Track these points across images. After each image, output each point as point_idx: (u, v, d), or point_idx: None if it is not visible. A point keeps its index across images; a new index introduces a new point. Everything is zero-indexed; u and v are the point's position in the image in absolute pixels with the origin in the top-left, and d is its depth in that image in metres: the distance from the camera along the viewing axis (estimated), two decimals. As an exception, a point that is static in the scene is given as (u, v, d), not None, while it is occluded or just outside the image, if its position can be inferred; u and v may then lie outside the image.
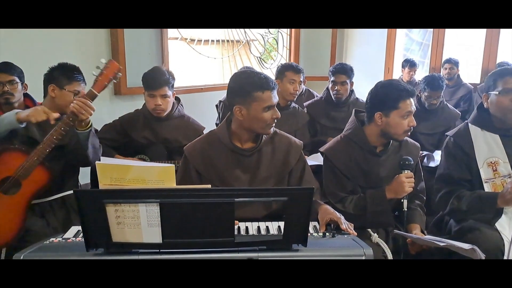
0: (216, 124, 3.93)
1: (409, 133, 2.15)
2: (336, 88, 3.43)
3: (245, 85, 1.84)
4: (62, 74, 2.27)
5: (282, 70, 3.36)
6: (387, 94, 2.08)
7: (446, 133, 2.30)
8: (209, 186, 1.30)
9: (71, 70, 2.30)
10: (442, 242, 1.79)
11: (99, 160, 1.98)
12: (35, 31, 3.09)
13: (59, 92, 2.25)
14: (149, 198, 1.19)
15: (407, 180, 2.04)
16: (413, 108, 2.09)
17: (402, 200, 2.06)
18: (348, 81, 3.45)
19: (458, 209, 2.11)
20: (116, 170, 1.30)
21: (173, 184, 1.32)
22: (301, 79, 3.37)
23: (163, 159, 2.76)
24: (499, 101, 2.09)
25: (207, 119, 3.74)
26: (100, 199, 1.19)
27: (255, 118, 1.85)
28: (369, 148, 2.18)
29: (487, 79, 2.19)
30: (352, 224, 1.70)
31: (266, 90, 1.81)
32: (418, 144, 2.30)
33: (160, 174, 1.30)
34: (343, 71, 3.42)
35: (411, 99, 2.08)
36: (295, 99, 3.39)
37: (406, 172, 2.07)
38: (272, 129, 1.93)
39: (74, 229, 1.65)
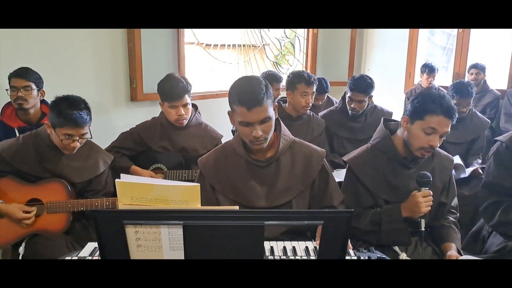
0: (232, 131, 3.84)
1: (426, 153, 1.96)
2: (353, 105, 3.25)
3: (230, 93, 1.75)
4: (57, 115, 2.06)
5: (293, 82, 3.07)
6: (420, 102, 1.93)
7: (496, 138, 2.15)
8: (236, 207, 1.19)
9: (70, 109, 2.06)
10: None
11: None
12: (51, 36, 3.04)
13: (52, 131, 2.12)
14: (171, 219, 1.09)
15: (423, 200, 1.88)
16: (442, 129, 1.89)
17: (419, 220, 1.91)
18: (366, 98, 3.24)
19: (507, 221, 1.95)
20: (137, 189, 1.20)
21: (198, 205, 1.21)
22: (314, 90, 3.12)
23: (180, 168, 2.68)
24: None
25: (223, 125, 3.64)
26: (120, 220, 1.09)
27: (238, 129, 1.79)
28: (398, 159, 2.03)
29: None
30: None
31: (241, 106, 1.67)
32: (451, 157, 2.14)
33: (184, 194, 1.19)
34: (362, 90, 3.17)
35: (444, 119, 1.87)
36: (307, 111, 3.19)
37: (423, 190, 1.90)
38: (260, 146, 1.78)
39: (90, 246, 1.56)
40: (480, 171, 3.17)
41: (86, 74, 3.32)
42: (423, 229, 1.90)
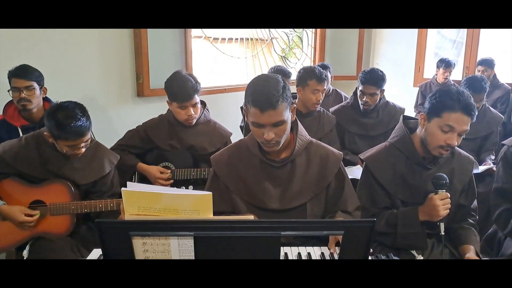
0: (241, 127, 3.78)
1: (444, 152, 1.87)
2: (364, 98, 3.15)
3: (246, 91, 1.68)
4: (56, 128, 1.95)
5: (305, 78, 3.02)
6: (437, 98, 1.84)
7: (503, 142, 2.07)
8: (251, 217, 1.13)
9: (67, 120, 1.94)
10: None
11: None
12: (57, 32, 2.98)
13: (54, 141, 2.03)
14: (181, 230, 1.04)
15: (441, 203, 1.81)
16: (460, 126, 1.80)
17: (438, 223, 1.84)
18: (378, 91, 3.15)
19: None
20: (144, 198, 1.14)
21: (209, 215, 1.15)
22: (325, 87, 3.07)
23: (188, 166, 2.62)
24: None
25: (231, 121, 3.59)
26: (126, 231, 1.04)
27: (251, 129, 1.72)
28: (417, 159, 1.96)
29: None
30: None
31: (254, 107, 1.61)
32: (472, 158, 2.06)
33: (195, 203, 1.13)
34: (373, 82, 3.08)
35: (462, 116, 1.78)
36: (317, 108, 3.13)
37: (440, 192, 1.83)
38: (272, 149, 1.72)
39: (96, 252, 1.51)
40: (495, 169, 3.10)
41: (92, 69, 3.26)
42: (442, 233, 1.83)
